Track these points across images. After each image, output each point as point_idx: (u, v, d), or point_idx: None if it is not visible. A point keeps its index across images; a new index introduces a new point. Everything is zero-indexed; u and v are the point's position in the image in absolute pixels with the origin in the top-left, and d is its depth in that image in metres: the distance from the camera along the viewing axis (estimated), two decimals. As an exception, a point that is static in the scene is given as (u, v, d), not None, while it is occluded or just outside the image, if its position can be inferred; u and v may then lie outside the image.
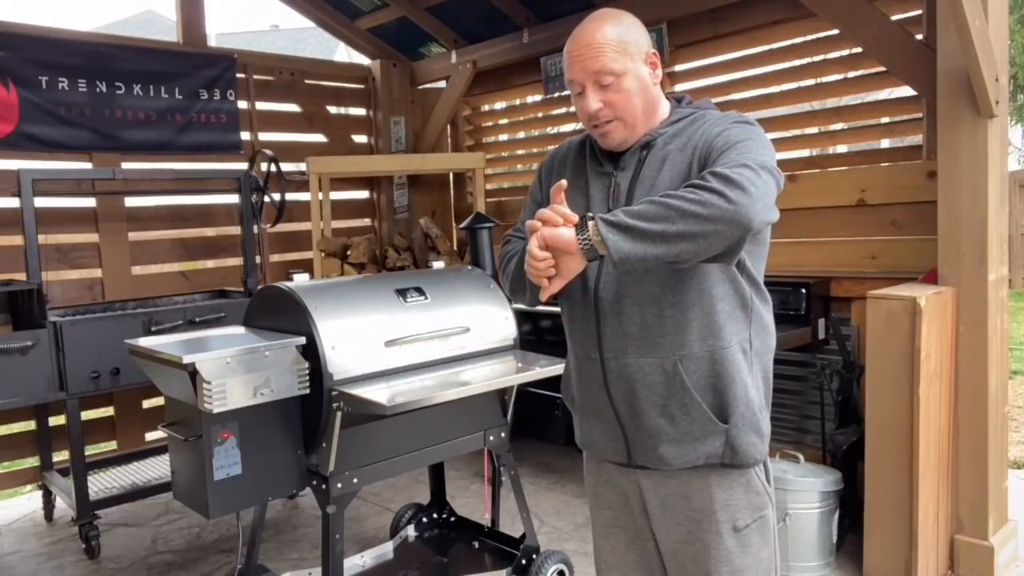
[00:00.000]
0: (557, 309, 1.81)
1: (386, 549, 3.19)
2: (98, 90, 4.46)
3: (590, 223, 1.45)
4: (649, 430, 1.64)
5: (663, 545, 1.72)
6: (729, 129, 1.57)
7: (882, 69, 3.59)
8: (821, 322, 3.61)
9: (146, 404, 4.67)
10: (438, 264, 3.16)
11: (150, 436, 4.68)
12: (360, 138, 5.85)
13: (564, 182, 1.55)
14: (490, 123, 6.08)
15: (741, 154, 1.48)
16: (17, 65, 4.18)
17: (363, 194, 5.89)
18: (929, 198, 3.18)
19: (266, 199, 4.40)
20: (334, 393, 2.41)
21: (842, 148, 5.06)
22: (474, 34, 5.35)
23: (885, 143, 4.17)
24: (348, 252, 5.17)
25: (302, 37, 23.05)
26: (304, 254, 5.40)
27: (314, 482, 2.56)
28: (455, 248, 5.70)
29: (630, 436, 1.67)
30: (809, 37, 3.90)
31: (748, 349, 1.63)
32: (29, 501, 4.41)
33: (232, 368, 2.29)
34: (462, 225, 4.74)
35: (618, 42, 1.59)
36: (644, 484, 1.71)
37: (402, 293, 2.71)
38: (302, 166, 5.19)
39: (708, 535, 1.65)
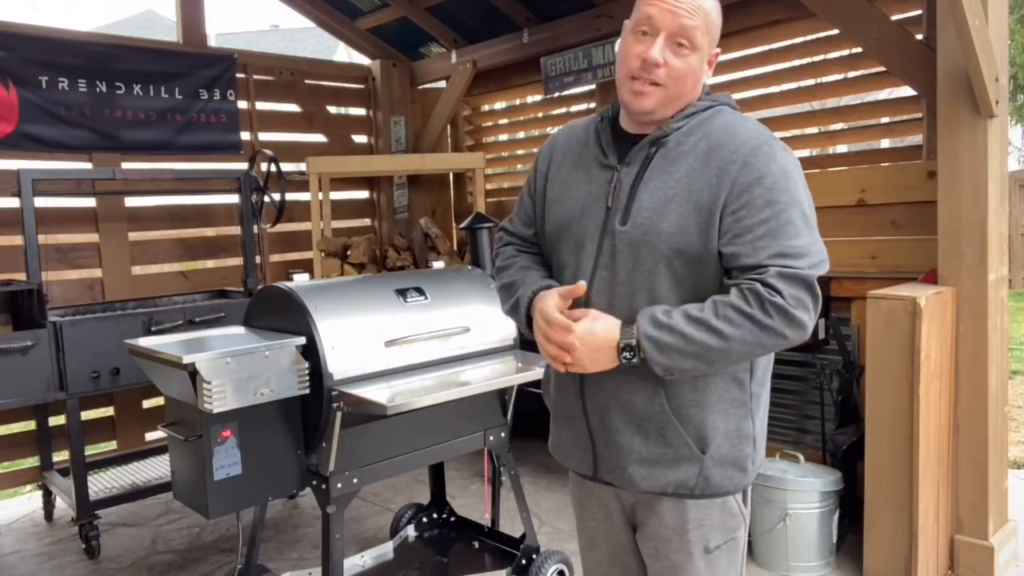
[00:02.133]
0: None
1: (386, 549, 3.19)
2: (98, 90, 4.46)
3: (640, 338, 1.41)
4: (619, 448, 1.55)
5: (643, 553, 1.67)
6: (774, 180, 1.42)
7: (882, 69, 3.59)
8: (821, 322, 3.61)
9: (146, 404, 4.66)
10: (438, 264, 3.16)
11: (150, 436, 4.68)
12: (360, 138, 5.85)
13: (583, 284, 1.49)
14: (490, 123, 6.08)
15: (788, 239, 1.39)
16: (17, 65, 4.18)
17: (363, 194, 5.89)
18: (929, 198, 3.18)
19: (266, 199, 4.40)
20: (334, 393, 2.41)
21: (842, 148, 5.06)
22: (474, 34, 5.35)
23: (885, 143, 4.17)
24: (348, 252, 5.17)
25: (302, 37, 23.04)
26: (304, 254, 5.40)
27: (314, 482, 2.56)
28: (455, 248, 5.70)
29: (599, 451, 1.59)
30: (809, 37, 3.90)
31: (747, 380, 1.53)
32: (29, 501, 4.41)
33: (232, 368, 2.29)
34: (462, 225, 4.72)
35: (708, 21, 1.48)
36: (620, 494, 1.65)
37: (402, 293, 2.71)
38: (302, 166, 5.19)
39: (677, 554, 1.57)
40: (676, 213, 1.44)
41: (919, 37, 3.34)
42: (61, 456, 4.16)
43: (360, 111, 5.87)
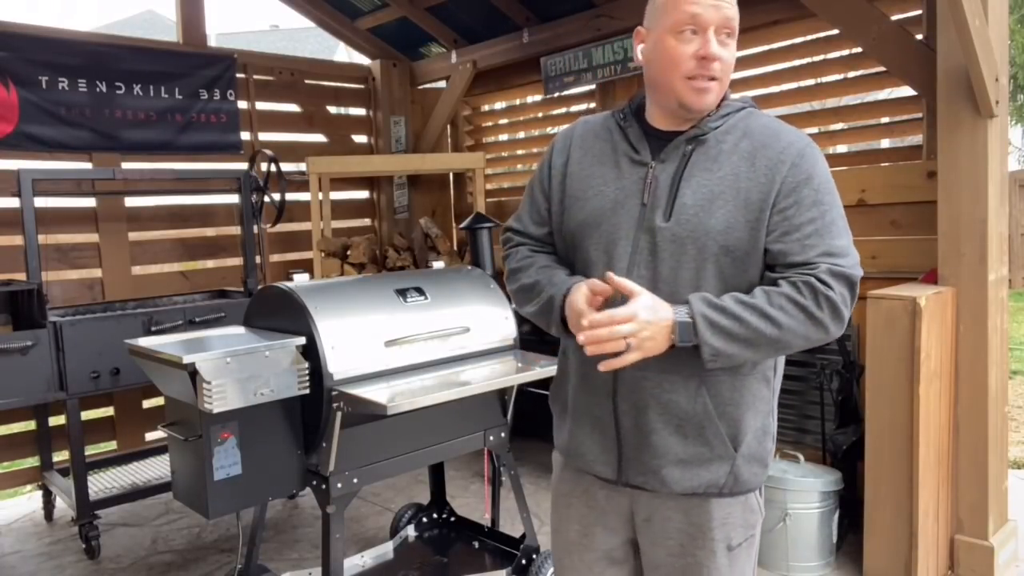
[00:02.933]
0: None
1: (386, 549, 3.19)
2: (98, 90, 4.46)
3: (695, 316, 1.38)
4: (654, 449, 1.52)
5: (647, 558, 1.62)
6: (820, 181, 1.47)
7: (882, 69, 3.59)
8: (821, 322, 3.61)
9: (146, 404, 4.66)
10: (438, 264, 3.16)
11: (150, 436, 4.68)
12: (360, 138, 5.85)
13: (612, 276, 1.42)
14: (490, 123, 6.08)
15: (833, 239, 1.44)
16: (17, 65, 4.18)
17: (363, 194, 5.89)
18: (929, 198, 3.18)
19: (266, 199, 4.40)
20: (334, 393, 2.41)
21: (842, 148, 5.06)
22: (474, 34, 5.35)
23: (885, 143, 4.17)
24: (348, 252, 5.17)
25: (302, 37, 23.05)
26: (304, 254, 5.40)
27: (314, 482, 2.56)
28: (455, 248, 5.70)
29: (626, 454, 1.55)
30: (809, 37, 3.89)
31: (772, 378, 1.56)
32: (29, 501, 4.41)
33: (232, 368, 2.29)
34: (462, 225, 4.73)
35: (735, 11, 1.50)
36: (635, 497, 1.60)
37: (402, 293, 2.71)
38: (302, 166, 5.19)
39: (702, 551, 1.56)
40: (724, 210, 1.45)
41: (919, 37, 3.34)
42: (61, 456, 4.16)
43: (360, 111, 5.87)
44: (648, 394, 1.51)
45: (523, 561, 2.95)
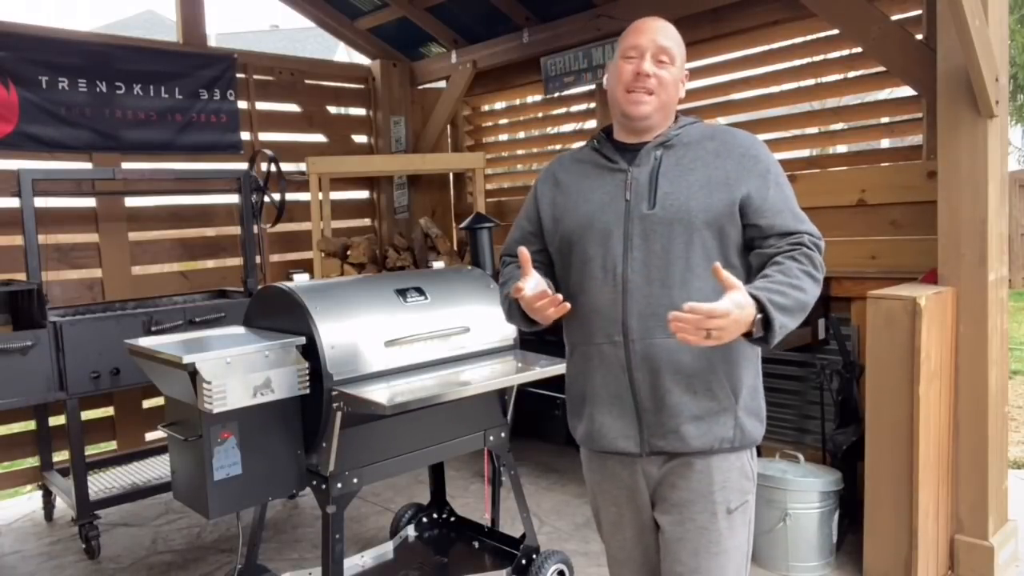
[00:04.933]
0: None
1: (386, 549, 3.19)
2: (98, 90, 4.46)
3: (767, 306, 1.55)
4: (671, 409, 1.70)
5: (663, 524, 1.79)
6: (774, 165, 1.76)
7: (882, 69, 3.59)
8: (821, 322, 3.61)
9: (146, 404, 4.67)
10: (438, 264, 3.16)
11: (150, 436, 4.68)
12: (360, 138, 5.85)
13: (524, 251, 1.71)
14: (490, 123, 6.08)
15: (801, 214, 1.73)
16: (17, 65, 4.18)
17: (363, 194, 5.89)
18: (929, 198, 3.18)
19: (266, 199, 4.40)
20: (334, 393, 2.41)
21: (842, 148, 5.05)
22: (474, 34, 5.35)
23: (885, 143, 4.17)
24: (348, 252, 5.17)
25: (302, 37, 23.03)
26: (304, 254, 5.40)
27: (314, 482, 2.56)
28: (455, 248, 5.70)
29: (646, 421, 1.73)
30: (809, 37, 3.90)
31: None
32: (29, 501, 4.41)
33: (232, 368, 2.29)
34: (462, 225, 4.73)
35: (677, 42, 1.80)
36: (648, 470, 1.78)
37: (402, 293, 2.71)
38: (302, 166, 5.19)
39: (703, 515, 1.74)
40: (701, 193, 1.70)
41: (919, 37, 3.34)
42: (61, 456, 4.16)
43: (360, 111, 5.87)
44: (659, 359, 1.70)
45: (523, 561, 2.95)
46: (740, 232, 1.72)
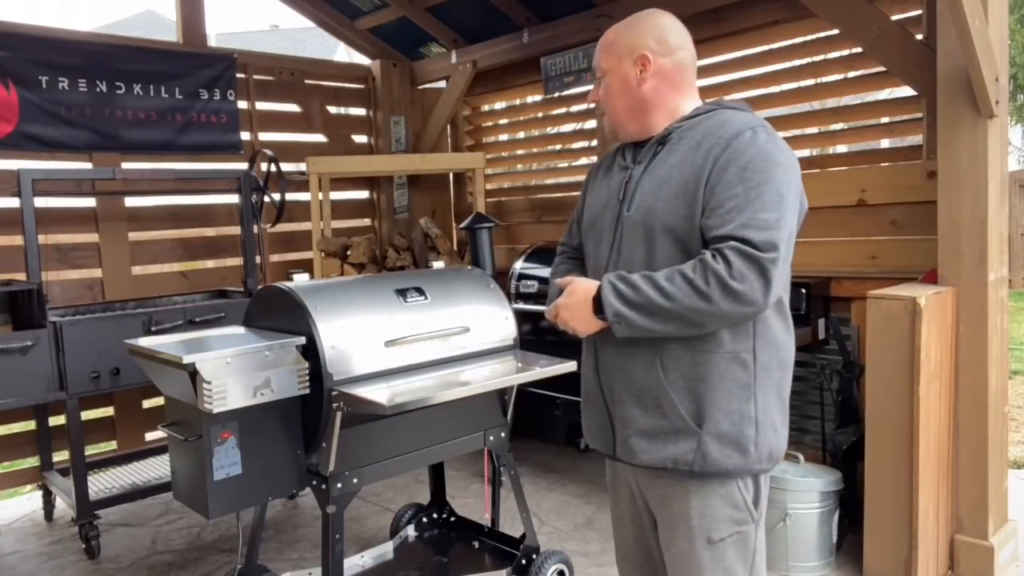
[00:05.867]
0: None
1: (386, 549, 3.19)
2: (98, 90, 4.46)
3: (602, 284, 1.59)
4: (624, 419, 1.68)
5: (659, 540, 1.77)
6: (750, 158, 1.54)
7: (882, 69, 3.59)
8: (821, 322, 3.61)
9: (146, 404, 4.66)
10: (438, 264, 3.15)
11: (150, 436, 4.68)
12: (360, 138, 5.85)
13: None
14: (490, 123, 6.08)
15: (755, 212, 1.49)
16: (17, 65, 4.18)
17: (363, 194, 5.89)
18: (929, 198, 3.18)
19: (266, 199, 4.40)
20: (334, 393, 2.41)
21: (842, 148, 5.06)
22: (474, 34, 5.35)
23: (885, 143, 4.17)
24: (348, 252, 5.17)
25: (302, 37, 23.04)
26: (304, 254, 5.39)
27: (314, 482, 2.56)
28: (455, 248, 5.70)
29: (615, 427, 1.72)
30: (809, 37, 3.90)
31: (751, 361, 1.60)
32: (29, 501, 4.41)
33: (232, 368, 2.29)
34: (462, 225, 4.73)
35: (609, 43, 1.76)
36: (635, 476, 1.77)
37: (402, 293, 2.71)
38: (302, 166, 5.19)
39: (683, 541, 1.66)
40: (667, 193, 1.61)
41: (919, 37, 3.34)
42: (61, 456, 4.16)
43: (360, 111, 5.87)
44: (613, 366, 1.69)
45: (523, 561, 2.95)
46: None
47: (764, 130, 1.60)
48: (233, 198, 4.52)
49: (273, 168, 4.32)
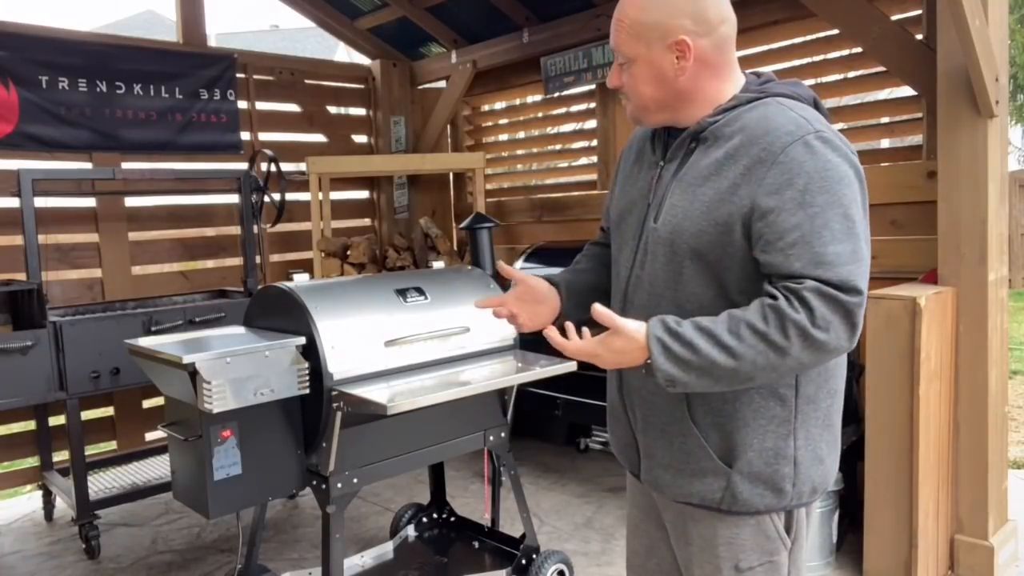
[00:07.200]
0: None
1: (386, 549, 3.19)
2: (98, 90, 4.46)
3: (651, 342, 1.31)
4: (648, 449, 1.53)
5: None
6: (808, 178, 1.29)
7: (882, 69, 3.59)
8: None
9: (146, 404, 4.66)
10: (438, 264, 3.15)
11: (150, 436, 4.68)
12: (360, 138, 5.85)
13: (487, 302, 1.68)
14: (490, 123, 6.08)
15: (825, 246, 1.27)
16: (17, 65, 4.18)
17: (363, 194, 5.89)
18: (929, 198, 3.18)
19: (266, 199, 4.40)
20: (334, 393, 2.41)
21: (842, 148, 5.05)
22: (474, 34, 5.35)
23: (885, 143, 4.17)
24: (348, 252, 5.17)
25: (302, 37, 23.05)
26: (304, 254, 5.39)
27: (314, 482, 2.56)
28: (455, 248, 5.70)
29: (641, 452, 1.57)
30: (809, 37, 3.90)
31: (791, 396, 1.42)
32: (29, 501, 4.41)
33: (232, 368, 2.29)
34: (462, 225, 4.74)
35: (633, 23, 1.45)
36: (657, 498, 1.61)
37: (402, 293, 2.71)
38: (302, 166, 5.19)
39: (706, 567, 1.51)
40: (697, 212, 1.38)
41: (919, 37, 3.34)
42: (61, 456, 4.16)
43: (360, 111, 5.87)
44: (637, 393, 1.53)
45: (523, 561, 2.95)
46: (745, 261, 1.36)
47: (817, 137, 1.33)
48: (233, 198, 4.52)
49: (273, 168, 4.32)
